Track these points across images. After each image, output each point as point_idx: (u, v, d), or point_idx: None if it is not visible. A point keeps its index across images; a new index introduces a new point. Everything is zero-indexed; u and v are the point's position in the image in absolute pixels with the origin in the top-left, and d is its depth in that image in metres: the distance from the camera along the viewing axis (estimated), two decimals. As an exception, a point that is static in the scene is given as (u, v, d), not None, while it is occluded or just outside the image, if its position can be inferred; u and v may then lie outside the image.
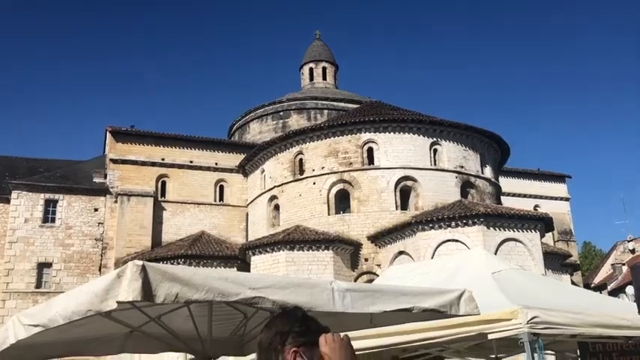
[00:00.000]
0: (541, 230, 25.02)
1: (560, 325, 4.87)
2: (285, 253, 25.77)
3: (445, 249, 22.84)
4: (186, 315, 4.61)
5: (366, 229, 26.99)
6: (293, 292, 3.22)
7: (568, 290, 7.52)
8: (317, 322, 1.96)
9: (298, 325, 1.90)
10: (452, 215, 23.78)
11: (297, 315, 1.95)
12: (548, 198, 41.31)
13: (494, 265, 6.86)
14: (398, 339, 5.44)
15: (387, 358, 7.66)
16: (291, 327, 1.89)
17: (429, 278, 6.66)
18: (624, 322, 5.23)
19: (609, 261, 53.09)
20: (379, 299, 3.83)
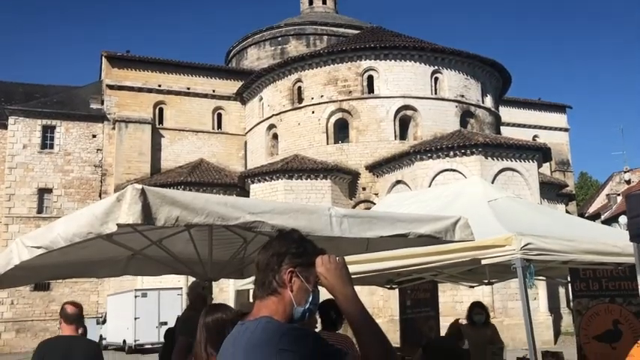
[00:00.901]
0: (539, 160, 25.11)
1: (552, 251, 4.97)
2: (284, 182, 25.97)
3: (442, 179, 22.99)
4: (186, 239, 4.70)
5: (365, 158, 27.07)
6: (292, 217, 3.26)
7: (562, 218, 7.64)
8: (313, 244, 2.00)
9: (295, 247, 1.93)
10: (450, 145, 23.79)
11: (293, 237, 1.98)
12: (548, 128, 41.21)
13: (491, 193, 6.93)
14: (393, 263, 5.58)
15: (381, 282, 7.88)
16: (288, 248, 1.92)
17: (426, 206, 6.74)
18: (615, 249, 5.34)
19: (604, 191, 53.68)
20: (376, 225, 3.89)
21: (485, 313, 7.37)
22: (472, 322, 7.37)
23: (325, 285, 1.85)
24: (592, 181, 64.60)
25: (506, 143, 24.33)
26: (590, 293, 6.73)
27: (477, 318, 7.31)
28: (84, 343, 4.91)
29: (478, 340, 7.09)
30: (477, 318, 7.32)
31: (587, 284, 6.75)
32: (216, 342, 2.90)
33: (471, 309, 7.53)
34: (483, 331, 7.22)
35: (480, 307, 7.51)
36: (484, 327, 7.32)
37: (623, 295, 6.43)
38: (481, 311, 7.36)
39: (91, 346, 4.93)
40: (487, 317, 7.46)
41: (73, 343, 4.73)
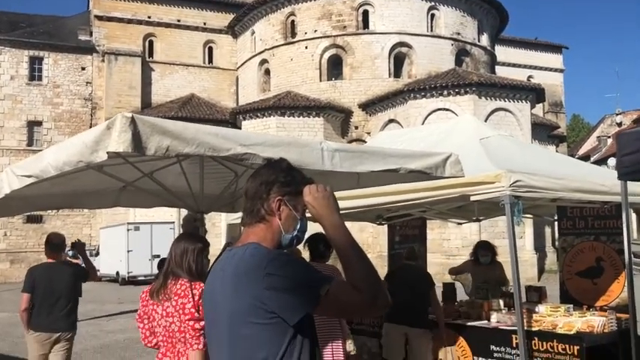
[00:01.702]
0: (532, 101, 25.03)
1: (541, 189, 5.02)
2: (276, 119, 25.80)
3: (435, 118, 22.92)
4: (178, 172, 4.70)
5: (358, 96, 26.83)
6: (283, 150, 3.25)
7: (552, 157, 7.69)
8: (302, 174, 2.00)
9: (283, 176, 1.93)
10: (445, 84, 23.58)
11: (282, 166, 1.97)
12: (543, 69, 40.84)
13: (483, 131, 6.92)
14: (383, 199, 5.63)
15: (371, 218, 7.99)
16: (277, 177, 1.92)
17: (418, 143, 6.73)
18: (603, 187, 5.41)
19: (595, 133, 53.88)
20: (367, 160, 3.90)
21: (491, 254, 7.26)
22: (478, 262, 7.37)
23: (313, 213, 1.87)
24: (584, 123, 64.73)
25: (500, 83, 24.15)
26: (576, 231, 6.87)
27: (484, 260, 7.29)
28: (66, 267, 5.68)
29: (486, 278, 7.14)
30: (483, 260, 7.29)
31: (573, 222, 6.88)
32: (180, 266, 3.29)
33: (476, 249, 7.48)
34: (491, 270, 7.17)
35: (484, 248, 7.38)
36: (492, 266, 7.24)
37: (607, 233, 6.57)
38: (486, 252, 7.26)
39: (71, 270, 5.68)
40: (494, 256, 7.35)
41: (57, 268, 5.50)
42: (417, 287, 5.92)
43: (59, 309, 5.38)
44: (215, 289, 1.87)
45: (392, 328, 5.97)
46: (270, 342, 1.73)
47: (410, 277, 5.97)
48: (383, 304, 1.78)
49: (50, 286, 5.35)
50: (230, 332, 1.78)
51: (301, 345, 1.77)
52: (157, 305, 3.32)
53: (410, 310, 5.74)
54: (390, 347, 6.03)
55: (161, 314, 3.27)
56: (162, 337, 3.32)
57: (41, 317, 5.32)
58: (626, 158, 3.85)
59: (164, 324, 3.26)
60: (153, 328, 3.39)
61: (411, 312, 5.79)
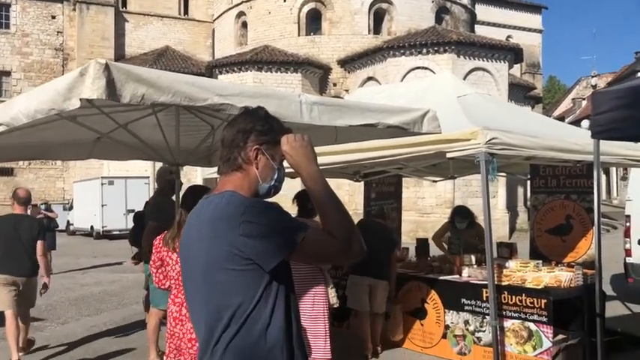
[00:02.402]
0: (510, 61, 25.05)
1: (516, 146, 5.08)
2: (253, 74, 25.42)
3: (414, 76, 22.82)
4: (153, 124, 4.63)
5: (337, 52, 26.51)
6: (261, 101, 3.20)
7: (528, 116, 7.76)
8: (280, 123, 1.97)
9: (261, 124, 1.90)
10: (424, 42, 23.41)
11: (260, 114, 1.95)
12: (522, 29, 40.74)
13: (461, 89, 6.93)
14: (361, 155, 5.65)
15: (348, 174, 8.03)
16: (254, 125, 1.89)
17: (396, 100, 6.71)
18: (576, 146, 5.50)
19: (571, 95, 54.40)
20: (346, 114, 3.88)
21: (466, 220, 7.37)
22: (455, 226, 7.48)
23: (290, 163, 1.86)
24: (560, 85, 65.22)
25: (479, 42, 24.06)
26: (548, 190, 7.00)
27: (459, 226, 7.42)
28: (30, 220, 6.19)
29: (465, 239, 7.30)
30: (459, 226, 7.42)
31: (545, 181, 7.01)
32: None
33: (453, 215, 7.57)
34: (468, 232, 7.32)
35: (460, 215, 7.47)
36: (470, 228, 7.37)
37: (578, 192, 6.72)
38: (463, 220, 7.38)
39: (35, 222, 6.15)
40: (472, 220, 7.48)
41: (22, 219, 6.00)
42: (382, 244, 6.07)
43: (22, 255, 5.85)
44: (191, 236, 1.87)
45: (358, 279, 6.15)
46: (245, 288, 1.74)
47: (375, 234, 6.09)
48: (358, 252, 1.80)
49: (15, 234, 5.83)
50: (205, 278, 1.79)
51: (277, 291, 1.79)
52: (170, 252, 3.69)
53: (375, 263, 5.90)
54: (356, 297, 6.21)
55: (175, 260, 3.60)
56: (174, 280, 3.69)
57: (6, 261, 5.80)
58: (600, 117, 3.89)
59: (177, 269, 3.55)
60: (166, 272, 3.76)
61: (376, 265, 5.97)
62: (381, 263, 6.13)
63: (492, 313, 5.04)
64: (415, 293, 6.53)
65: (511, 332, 5.61)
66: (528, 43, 38.80)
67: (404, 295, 6.65)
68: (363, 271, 6.10)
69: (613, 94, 3.90)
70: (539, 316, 5.42)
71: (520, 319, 5.55)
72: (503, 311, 5.63)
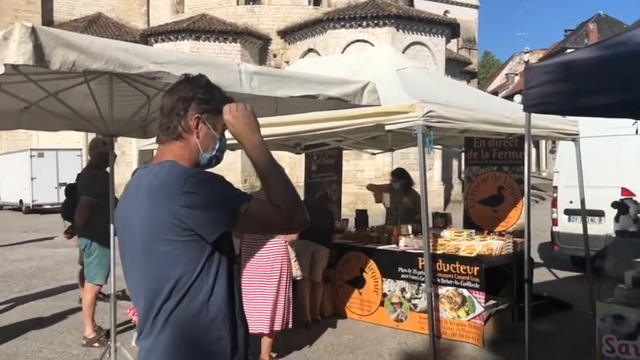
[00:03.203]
0: (447, 36, 25.48)
1: (452, 119, 5.21)
2: (190, 43, 24.74)
3: (354, 49, 22.85)
4: (85, 93, 4.43)
5: (277, 23, 26.15)
6: (199, 70, 3.12)
7: (464, 90, 7.96)
8: (221, 91, 1.94)
9: (203, 92, 1.86)
10: (364, 15, 23.43)
11: (201, 82, 1.90)
12: (458, 4, 41.43)
13: (400, 62, 7.01)
14: (302, 127, 5.64)
15: (289, 146, 8.01)
16: (196, 93, 1.85)
17: (336, 72, 6.71)
18: (508, 120, 5.70)
19: (504, 71, 56.09)
20: (286, 84, 3.85)
21: (401, 181, 7.54)
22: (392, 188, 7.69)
23: (232, 132, 1.83)
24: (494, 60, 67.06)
25: (418, 16, 24.31)
26: (481, 162, 7.26)
27: (394, 185, 7.63)
28: None
29: (397, 204, 7.52)
30: (393, 185, 7.63)
31: (479, 153, 7.26)
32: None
33: (391, 175, 7.83)
34: (403, 197, 7.49)
35: (395, 175, 7.67)
36: (405, 193, 7.52)
37: (509, 164, 7.00)
38: (397, 179, 7.56)
39: None
40: (408, 184, 7.65)
41: None
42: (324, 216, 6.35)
43: None
44: (129, 207, 1.83)
45: (302, 243, 6.24)
46: (187, 259, 1.73)
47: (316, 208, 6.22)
48: (302, 222, 1.81)
49: None
50: (145, 250, 1.76)
51: (219, 262, 1.78)
52: None
53: (317, 230, 6.00)
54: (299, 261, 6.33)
55: None
56: None
57: None
58: (531, 91, 4.04)
59: None
60: None
61: (319, 232, 6.12)
62: (324, 231, 6.29)
63: (428, 281, 5.22)
64: (354, 263, 6.66)
65: (445, 299, 5.83)
66: (465, 18, 39.53)
67: (343, 265, 6.77)
68: (305, 236, 6.17)
69: (544, 69, 4.05)
70: (472, 283, 5.66)
71: (454, 285, 5.77)
72: (438, 279, 5.84)
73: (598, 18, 46.38)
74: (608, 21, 45.49)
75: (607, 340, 4.32)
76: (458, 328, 5.76)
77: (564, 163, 8.93)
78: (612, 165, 8.36)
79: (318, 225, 5.97)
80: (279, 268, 5.00)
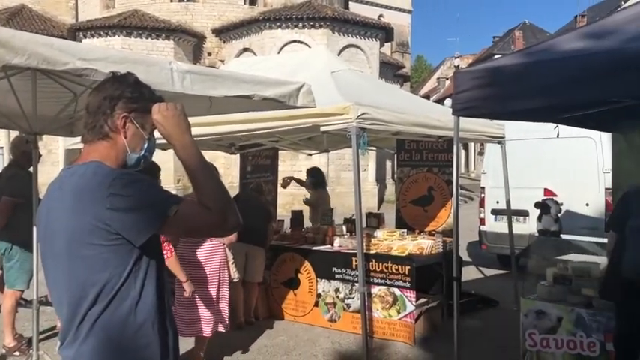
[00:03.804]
0: (381, 40, 25.93)
1: (385, 122, 5.32)
2: (121, 39, 23.98)
3: (290, 49, 22.86)
4: (6, 88, 4.21)
5: (212, 21, 25.78)
6: (129, 67, 3.03)
7: (397, 94, 8.12)
8: (151, 90, 1.88)
9: (130, 91, 1.79)
10: (300, 16, 23.49)
11: (129, 80, 1.84)
12: (392, 9, 42.20)
13: (335, 64, 7.08)
14: (237, 127, 5.59)
15: (224, 146, 7.92)
16: (123, 92, 1.78)
17: (272, 72, 6.68)
18: (439, 123, 5.87)
19: (436, 75, 57.68)
20: (220, 84, 3.80)
21: (312, 178, 8.04)
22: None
23: (162, 133, 1.78)
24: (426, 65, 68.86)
25: (353, 19, 24.61)
26: (412, 163, 7.45)
27: (307, 181, 7.97)
28: None
29: (309, 201, 7.86)
30: (307, 181, 7.98)
31: (410, 155, 7.44)
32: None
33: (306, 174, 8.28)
34: (313, 194, 8.00)
35: (309, 173, 8.21)
36: (316, 191, 8.00)
37: (439, 165, 7.21)
38: (308, 177, 8.15)
39: None
40: (319, 182, 7.99)
41: None
42: (259, 213, 6.27)
43: None
44: (52, 208, 1.75)
45: (235, 245, 6.19)
46: (113, 263, 1.67)
47: (252, 205, 6.19)
48: (234, 224, 1.77)
49: None
50: (69, 254, 1.68)
51: (147, 266, 1.73)
52: None
53: (252, 231, 5.97)
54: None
55: None
56: None
57: None
58: (460, 95, 4.17)
59: None
60: None
61: (253, 233, 6.05)
62: (258, 231, 6.22)
63: (361, 280, 5.29)
64: (289, 264, 6.67)
65: (378, 298, 5.93)
66: (398, 23, 40.34)
67: (278, 267, 6.76)
68: (240, 238, 6.14)
69: (473, 74, 4.20)
70: (403, 282, 5.79)
71: (386, 285, 5.88)
72: (371, 278, 5.93)
73: (523, 26, 48.51)
74: (532, 29, 47.67)
75: (530, 334, 4.52)
76: (390, 327, 5.88)
77: (491, 165, 9.29)
78: (535, 167, 8.76)
79: (252, 225, 5.91)
80: (217, 271, 4.94)
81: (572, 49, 3.64)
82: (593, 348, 4.26)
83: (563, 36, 4.30)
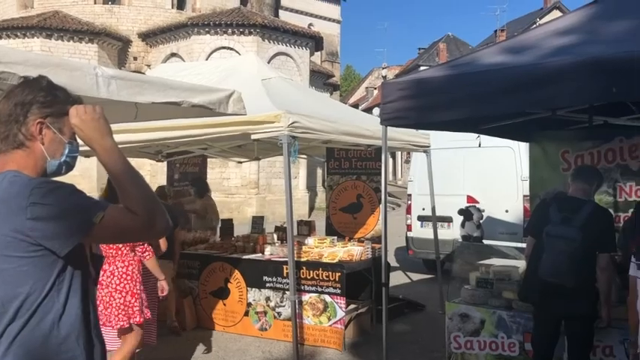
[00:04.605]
0: (311, 48, 26.17)
1: (315, 130, 5.37)
2: (41, 41, 22.92)
3: (219, 56, 22.63)
4: None
5: (138, 25, 25.12)
6: (51, 72, 2.91)
7: (327, 103, 8.22)
8: (66, 92, 1.79)
9: (43, 95, 1.71)
10: (229, 22, 23.31)
11: (41, 84, 1.74)
12: (322, 18, 42.71)
13: (265, 72, 7.08)
14: (164, 134, 5.47)
15: (150, 154, 7.72)
16: (35, 96, 1.69)
17: (201, 79, 6.60)
18: (367, 132, 5.99)
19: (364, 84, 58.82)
20: (147, 90, 3.70)
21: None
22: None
23: (81, 137, 1.70)
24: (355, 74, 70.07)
25: (283, 27, 24.69)
26: (342, 171, 7.56)
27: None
28: None
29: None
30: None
31: (339, 163, 7.55)
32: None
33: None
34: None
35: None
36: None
37: (367, 173, 7.36)
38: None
39: None
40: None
41: None
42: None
43: None
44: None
45: None
46: (34, 276, 1.59)
47: None
48: (162, 227, 1.71)
49: None
50: None
51: (71, 277, 1.66)
52: None
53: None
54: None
55: None
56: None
57: None
58: (387, 105, 4.28)
59: None
60: None
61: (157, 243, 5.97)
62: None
63: (292, 289, 5.29)
64: (218, 274, 6.57)
65: (308, 305, 5.96)
66: (328, 32, 40.85)
67: (207, 277, 6.65)
68: None
69: (399, 85, 4.32)
70: (333, 289, 5.84)
71: (317, 292, 5.92)
72: (302, 286, 5.95)
73: (447, 38, 50.33)
74: (455, 41, 49.53)
75: (455, 337, 4.68)
76: (320, 334, 5.91)
77: (417, 173, 9.56)
78: (459, 175, 9.10)
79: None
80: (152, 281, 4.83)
81: (493, 63, 3.82)
82: (513, 348, 4.47)
83: (484, 50, 4.51)
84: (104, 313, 4.23)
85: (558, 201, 4.02)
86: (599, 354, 4.06)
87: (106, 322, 4.19)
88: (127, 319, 4.29)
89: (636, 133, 5.64)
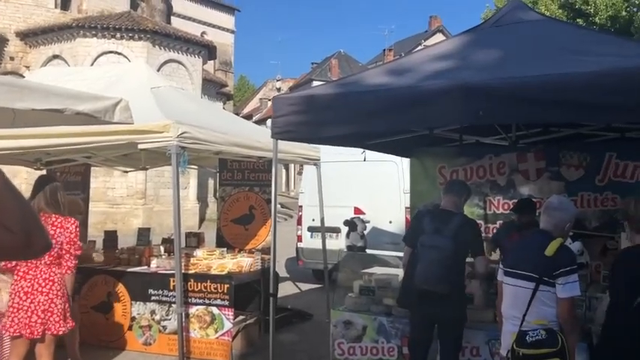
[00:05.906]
0: (204, 57, 25.85)
1: (206, 141, 5.36)
2: None
3: (106, 60, 21.72)
4: None
5: (16, 23, 23.46)
6: None
7: (219, 113, 8.20)
8: None
9: None
10: (118, 26, 22.45)
11: None
12: (216, 27, 42.34)
13: (155, 80, 6.93)
14: (44, 141, 5.21)
15: (28, 162, 7.27)
16: None
17: (86, 85, 6.34)
18: (259, 144, 6.07)
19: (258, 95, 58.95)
20: (27, 96, 3.55)
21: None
22: None
23: None
24: (249, 84, 70.03)
25: (175, 34, 24.19)
26: (234, 182, 7.57)
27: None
28: None
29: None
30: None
31: (232, 174, 7.56)
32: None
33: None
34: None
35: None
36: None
37: (260, 184, 7.43)
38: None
39: None
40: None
41: None
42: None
43: None
44: None
45: None
46: None
47: None
48: (41, 246, 1.62)
49: None
50: None
51: None
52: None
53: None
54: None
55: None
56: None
57: None
58: (278, 119, 4.41)
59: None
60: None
61: None
62: None
63: (178, 301, 5.22)
64: (100, 287, 6.32)
65: (195, 318, 5.89)
66: (222, 41, 40.52)
67: (88, 290, 6.37)
68: None
69: (290, 100, 4.47)
70: (221, 300, 5.83)
71: (204, 304, 5.87)
72: (189, 298, 5.88)
73: (339, 55, 51.77)
74: (346, 58, 51.09)
75: (339, 344, 4.86)
76: (206, 347, 5.86)
77: (308, 185, 9.78)
78: (347, 187, 9.43)
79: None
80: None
81: (377, 84, 4.07)
82: (392, 352, 4.72)
83: (371, 70, 4.79)
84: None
85: (431, 213, 4.33)
86: (467, 354, 4.41)
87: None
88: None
89: (502, 152, 6.21)
